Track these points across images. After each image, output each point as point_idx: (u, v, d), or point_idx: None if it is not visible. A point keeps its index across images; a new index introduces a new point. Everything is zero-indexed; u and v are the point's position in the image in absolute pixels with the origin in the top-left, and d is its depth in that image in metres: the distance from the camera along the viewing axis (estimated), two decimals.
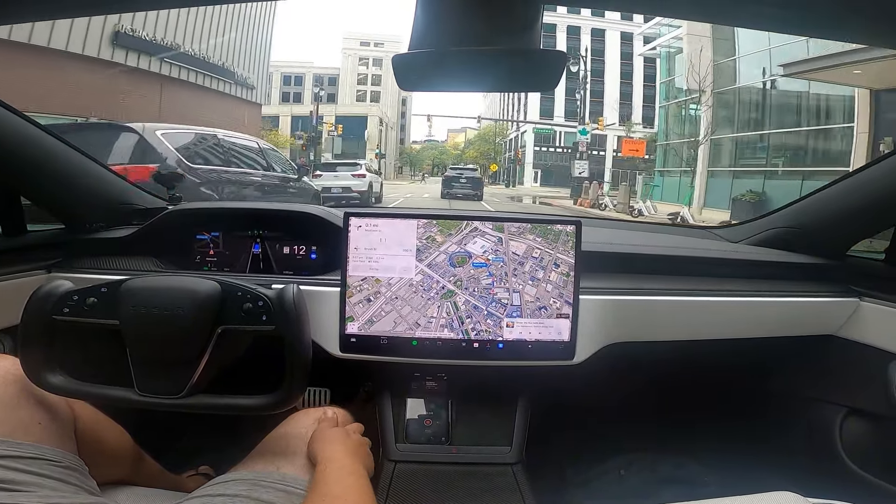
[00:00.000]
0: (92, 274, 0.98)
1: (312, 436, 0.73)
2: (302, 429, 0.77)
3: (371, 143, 38.12)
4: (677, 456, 1.32)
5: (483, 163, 42.85)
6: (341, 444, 0.70)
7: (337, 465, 0.64)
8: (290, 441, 0.75)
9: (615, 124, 27.08)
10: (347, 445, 0.70)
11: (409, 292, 0.92)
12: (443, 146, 64.78)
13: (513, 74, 0.65)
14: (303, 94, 43.07)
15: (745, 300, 1.02)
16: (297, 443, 0.74)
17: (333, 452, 0.67)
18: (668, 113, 18.15)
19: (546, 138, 36.83)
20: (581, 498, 1.21)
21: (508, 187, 32.91)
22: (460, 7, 0.53)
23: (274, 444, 0.75)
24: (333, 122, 32.55)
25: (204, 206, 1.14)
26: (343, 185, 9.89)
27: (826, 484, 1.01)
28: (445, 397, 1.07)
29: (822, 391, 1.12)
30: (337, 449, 0.68)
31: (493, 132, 44.84)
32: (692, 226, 1.52)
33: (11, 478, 0.54)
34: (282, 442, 0.75)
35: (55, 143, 0.97)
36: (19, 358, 0.66)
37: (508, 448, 1.02)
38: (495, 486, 0.95)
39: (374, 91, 48.27)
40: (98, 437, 0.73)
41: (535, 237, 0.93)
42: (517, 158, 35.99)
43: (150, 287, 0.70)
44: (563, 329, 0.93)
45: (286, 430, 0.78)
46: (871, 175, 0.99)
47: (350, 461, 0.66)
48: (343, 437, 0.73)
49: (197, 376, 0.70)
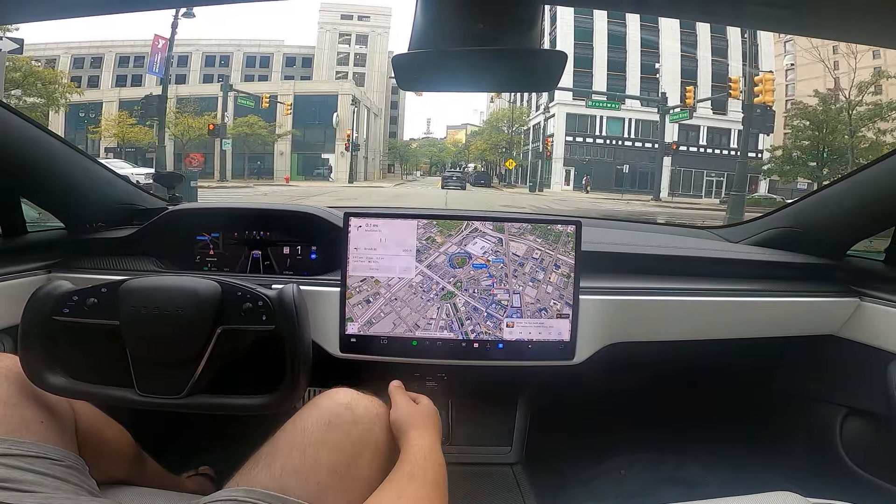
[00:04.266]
0: (92, 274, 0.98)
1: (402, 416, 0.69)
2: (310, 424, 0.69)
3: (342, 129, 28.12)
4: (677, 456, 1.32)
5: (492, 158, 35.20)
6: (434, 430, 0.69)
7: (435, 455, 0.64)
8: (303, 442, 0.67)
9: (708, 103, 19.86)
10: (437, 428, 0.70)
11: (409, 294, 0.93)
12: (442, 143, 60.96)
13: (513, 74, 0.65)
14: (269, 76, 35.04)
15: (745, 300, 1.02)
16: (310, 445, 0.66)
17: (428, 438, 0.66)
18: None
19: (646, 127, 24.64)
20: (581, 498, 1.21)
21: (533, 191, 23.86)
22: (460, 7, 0.53)
23: (285, 447, 0.67)
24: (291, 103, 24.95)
25: (204, 207, 1.14)
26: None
27: (826, 484, 1.01)
28: (445, 397, 1.07)
29: (822, 391, 1.12)
30: (431, 434, 0.67)
31: (507, 117, 32.89)
32: (692, 226, 1.52)
33: (13, 476, 0.54)
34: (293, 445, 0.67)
35: (55, 143, 0.97)
36: (19, 358, 0.66)
37: (508, 448, 1.02)
38: (495, 486, 0.95)
39: (357, 73, 38.79)
40: (99, 437, 0.73)
41: (536, 238, 0.93)
42: (546, 151, 25.68)
43: (150, 287, 0.70)
44: (563, 329, 0.93)
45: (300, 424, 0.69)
46: (871, 175, 0.99)
47: (432, 435, 0.67)
48: (436, 421, 0.72)
49: (197, 376, 0.70)
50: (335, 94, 29.66)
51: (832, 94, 15.53)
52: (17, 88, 14.85)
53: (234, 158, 25.30)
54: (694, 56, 26.00)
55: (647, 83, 26.50)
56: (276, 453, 0.64)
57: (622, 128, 27.29)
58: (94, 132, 23.31)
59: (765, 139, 18.52)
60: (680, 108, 17.35)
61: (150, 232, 1.06)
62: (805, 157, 15.71)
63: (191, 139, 22.29)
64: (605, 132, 27.60)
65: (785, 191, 19.62)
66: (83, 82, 29.11)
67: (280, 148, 27.35)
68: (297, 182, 23.98)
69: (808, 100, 15.86)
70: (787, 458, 1.19)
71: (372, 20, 39.98)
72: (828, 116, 14.91)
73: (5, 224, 1.04)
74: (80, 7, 0.62)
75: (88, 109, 25.31)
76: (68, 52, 29.85)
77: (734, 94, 12.80)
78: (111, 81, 30.52)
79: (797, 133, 16.00)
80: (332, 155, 28.72)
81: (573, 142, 27.40)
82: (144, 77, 23.75)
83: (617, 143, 27.27)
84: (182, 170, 16.18)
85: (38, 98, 15.84)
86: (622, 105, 25.67)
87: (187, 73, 33.58)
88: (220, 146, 20.58)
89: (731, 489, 0.72)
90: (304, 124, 28.24)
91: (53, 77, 16.83)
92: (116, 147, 23.33)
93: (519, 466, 0.99)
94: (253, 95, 23.56)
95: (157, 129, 14.86)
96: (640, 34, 26.36)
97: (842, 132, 14.67)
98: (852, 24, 0.51)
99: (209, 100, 24.67)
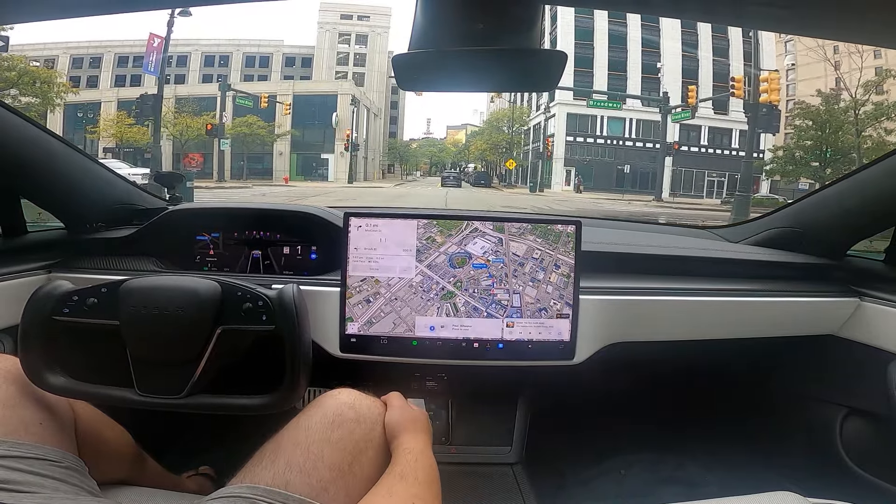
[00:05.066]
0: (92, 274, 0.98)
1: (395, 420, 0.70)
2: (314, 423, 0.69)
3: (342, 129, 27.96)
4: (677, 456, 1.32)
5: (492, 158, 34.63)
6: (425, 434, 0.70)
7: (426, 457, 0.65)
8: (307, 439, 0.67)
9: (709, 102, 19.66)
10: (428, 433, 0.71)
11: (409, 293, 0.93)
12: (442, 143, 60.74)
13: (513, 74, 0.65)
14: (269, 76, 34.54)
15: (745, 300, 1.02)
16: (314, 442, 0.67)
17: (419, 442, 0.67)
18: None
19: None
20: (581, 498, 1.21)
21: (534, 192, 23.34)
22: (460, 7, 0.53)
23: (289, 445, 0.67)
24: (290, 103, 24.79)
25: (204, 206, 1.14)
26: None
27: (826, 484, 1.01)
28: (445, 397, 1.07)
29: (822, 391, 1.12)
30: (422, 438, 0.68)
31: (507, 117, 32.73)
32: (692, 226, 1.52)
33: (12, 478, 0.54)
34: (297, 442, 0.67)
35: (55, 143, 0.97)
36: (19, 358, 0.66)
37: (508, 448, 1.02)
38: (495, 486, 0.95)
39: (357, 73, 38.28)
40: (99, 438, 0.73)
41: (536, 238, 0.93)
42: (546, 151, 25.33)
43: (150, 287, 0.70)
44: (563, 329, 0.93)
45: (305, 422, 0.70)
46: (871, 175, 0.99)
47: (429, 451, 0.67)
48: (427, 426, 0.73)
49: (197, 376, 0.70)
50: (334, 94, 29.49)
51: (835, 93, 15.52)
52: (12, 88, 14.83)
53: (232, 158, 25.26)
54: (695, 56, 25.91)
55: (648, 83, 26.36)
56: (280, 451, 0.64)
57: (623, 128, 27.20)
58: (93, 132, 23.18)
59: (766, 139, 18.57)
60: (682, 107, 17.32)
61: (150, 232, 1.06)
62: (808, 157, 15.69)
63: (189, 139, 22.28)
64: (605, 132, 27.20)
65: (787, 191, 19.58)
66: (82, 82, 28.98)
67: (279, 148, 27.26)
68: (297, 182, 23.89)
69: (809, 100, 15.85)
70: (787, 458, 1.19)
71: (372, 20, 39.55)
72: (831, 116, 14.90)
73: (5, 224, 1.04)
74: (80, 7, 0.62)
75: (87, 109, 25.22)
76: (67, 52, 29.76)
77: (738, 93, 12.80)
78: (110, 81, 30.41)
79: (800, 133, 15.99)
80: (332, 155, 28.60)
81: (574, 142, 27.01)
82: (143, 77, 23.67)
83: (618, 144, 27.16)
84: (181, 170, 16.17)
85: (33, 98, 15.80)
86: (623, 105, 25.54)
87: (186, 73, 33.45)
88: (219, 146, 20.55)
89: (731, 489, 0.72)
90: (304, 124, 28.00)
91: (48, 77, 16.79)
92: (115, 147, 23.24)
93: (519, 466, 0.99)
94: (252, 95, 23.51)
95: (152, 129, 14.83)
96: (640, 34, 26.31)
97: (846, 132, 14.64)
98: (852, 24, 0.51)
99: (208, 100, 24.54)
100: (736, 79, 12.93)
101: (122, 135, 21.80)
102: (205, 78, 33.15)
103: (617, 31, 26.53)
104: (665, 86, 21.71)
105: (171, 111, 21.60)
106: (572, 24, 26.26)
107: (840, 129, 14.68)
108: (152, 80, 17.54)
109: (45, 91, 16.09)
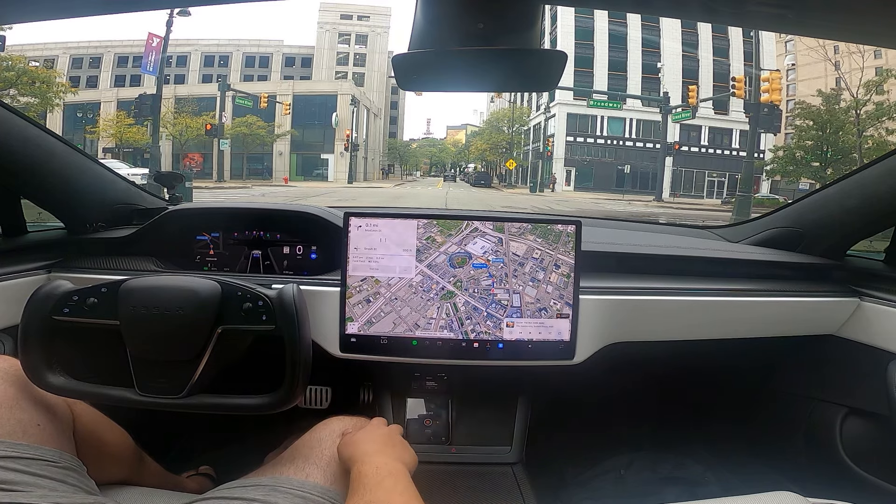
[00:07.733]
0: (92, 274, 0.98)
1: (340, 444, 0.68)
2: (333, 433, 0.74)
3: (342, 130, 27.85)
4: (677, 456, 1.32)
5: (493, 158, 34.97)
6: (371, 443, 0.65)
7: (371, 467, 0.58)
8: (321, 445, 0.72)
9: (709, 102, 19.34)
10: (377, 441, 0.66)
11: (409, 293, 0.92)
12: (442, 143, 61.00)
13: (513, 74, 0.65)
14: (268, 76, 35.00)
15: (745, 300, 1.02)
16: (327, 447, 0.72)
17: (364, 455, 0.62)
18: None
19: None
20: (581, 498, 1.21)
21: (534, 192, 23.34)
22: (460, 7, 0.53)
23: (304, 449, 0.72)
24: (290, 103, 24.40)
25: (204, 206, 1.14)
26: None
27: (826, 484, 1.01)
28: (445, 397, 1.07)
29: (822, 391, 1.12)
30: (367, 450, 0.63)
31: (507, 117, 32.75)
32: (692, 225, 1.52)
33: (10, 478, 0.54)
34: (312, 446, 0.73)
35: (55, 143, 0.97)
36: (19, 358, 0.66)
37: (508, 448, 1.02)
38: (495, 486, 0.95)
39: (357, 73, 38.62)
40: (98, 438, 0.73)
41: (536, 237, 0.93)
42: (547, 151, 25.18)
43: (150, 287, 0.70)
44: (563, 329, 0.93)
45: (318, 434, 0.75)
46: (871, 175, 0.99)
47: (385, 460, 0.61)
48: (370, 435, 0.68)
49: (197, 376, 0.70)
50: (334, 94, 29.62)
51: (836, 93, 15.53)
52: (11, 88, 14.83)
53: (232, 159, 25.28)
54: (695, 56, 25.93)
55: (648, 83, 26.39)
56: (297, 453, 0.70)
57: (623, 128, 27.22)
58: (92, 132, 23.20)
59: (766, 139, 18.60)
60: (682, 107, 17.32)
61: (150, 232, 1.06)
62: (808, 157, 15.70)
63: (189, 139, 22.27)
64: (606, 132, 27.43)
65: (787, 191, 19.59)
66: (82, 82, 28.99)
67: (279, 148, 27.32)
68: (296, 182, 23.90)
69: (810, 100, 15.86)
70: (787, 458, 1.19)
71: (372, 20, 39.72)
72: (832, 116, 14.92)
73: (5, 224, 1.04)
74: (80, 7, 0.62)
75: (86, 109, 25.21)
76: (66, 52, 29.78)
77: (738, 93, 12.83)
78: (110, 81, 30.44)
79: (800, 133, 16.01)
80: (332, 155, 28.65)
81: (574, 142, 27.17)
82: (143, 77, 23.71)
83: (618, 144, 27.18)
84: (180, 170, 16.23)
85: (31, 98, 15.81)
86: (623, 105, 25.53)
87: (186, 73, 33.49)
88: (218, 146, 20.53)
89: (731, 489, 0.72)
90: (303, 124, 28.08)
91: (47, 77, 16.79)
92: (114, 147, 23.25)
93: (519, 466, 0.99)
94: (251, 95, 23.47)
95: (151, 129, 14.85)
96: (640, 34, 26.32)
97: (847, 132, 14.65)
98: (852, 24, 0.51)
99: (208, 100, 24.58)
100: (737, 79, 12.96)
101: (122, 135, 21.85)
102: (204, 78, 33.25)
103: (617, 31, 26.57)
104: (665, 86, 21.72)
105: (170, 111, 21.65)
106: (572, 24, 26.32)
107: (841, 129, 14.70)
108: (152, 80, 17.59)
109: (43, 91, 16.12)
